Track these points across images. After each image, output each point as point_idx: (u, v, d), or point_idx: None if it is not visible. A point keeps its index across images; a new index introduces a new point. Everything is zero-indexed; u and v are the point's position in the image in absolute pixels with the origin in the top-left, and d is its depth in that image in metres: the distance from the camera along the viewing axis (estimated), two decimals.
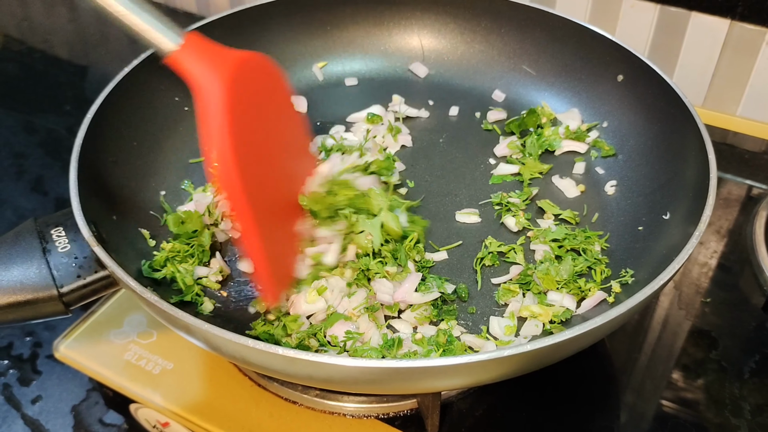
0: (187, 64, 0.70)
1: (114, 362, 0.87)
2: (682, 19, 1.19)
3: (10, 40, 1.60)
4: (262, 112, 0.78)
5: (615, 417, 0.82)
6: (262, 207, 0.74)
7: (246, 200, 0.70)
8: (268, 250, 0.74)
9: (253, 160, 0.73)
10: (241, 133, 0.71)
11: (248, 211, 0.71)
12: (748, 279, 0.97)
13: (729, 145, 1.19)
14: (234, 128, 0.69)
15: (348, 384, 0.69)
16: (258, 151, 0.75)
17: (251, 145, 0.73)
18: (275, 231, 0.78)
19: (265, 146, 0.77)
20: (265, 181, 0.76)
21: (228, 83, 0.70)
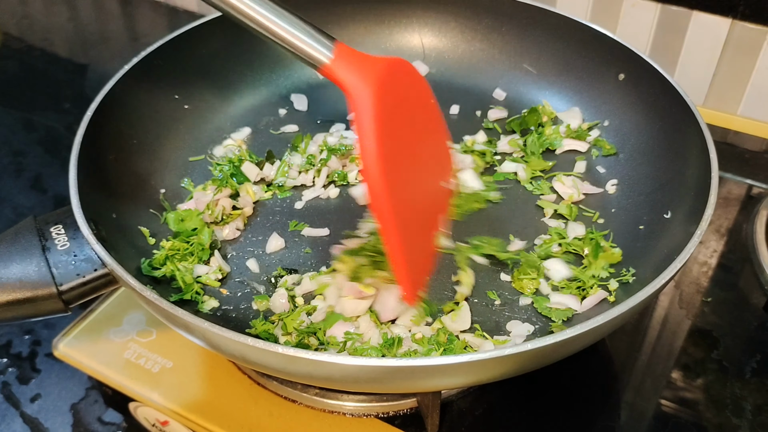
0: (341, 73, 0.73)
1: (113, 361, 0.87)
2: (683, 18, 1.19)
3: (10, 38, 1.60)
4: (409, 115, 0.80)
5: (616, 416, 0.82)
6: (405, 209, 0.76)
7: (390, 204, 0.72)
8: (408, 253, 0.76)
9: (400, 162, 0.75)
10: (391, 136, 0.74)
11: (391, 215, 0.72)
12: (748, 278, 0.96)
13: (730, 144, 1.19)
14: (384, 132, 0.72)
15: (348, 383, 0.69)
16: (405, 154, 0.77)
17: (400, 148, 0.76)
18: (415, 232, 0.80)
19: (411, 148, 0.79)
20: (409, 184, 0.78)
21: (378, 90, 0.72)
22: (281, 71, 1.13)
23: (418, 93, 0.83)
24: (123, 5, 1.69)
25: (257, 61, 1.12)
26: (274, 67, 1.13)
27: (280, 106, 1.11)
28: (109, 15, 1.67)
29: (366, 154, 0.70)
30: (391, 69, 0.76)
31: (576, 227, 0.90)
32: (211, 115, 1.07)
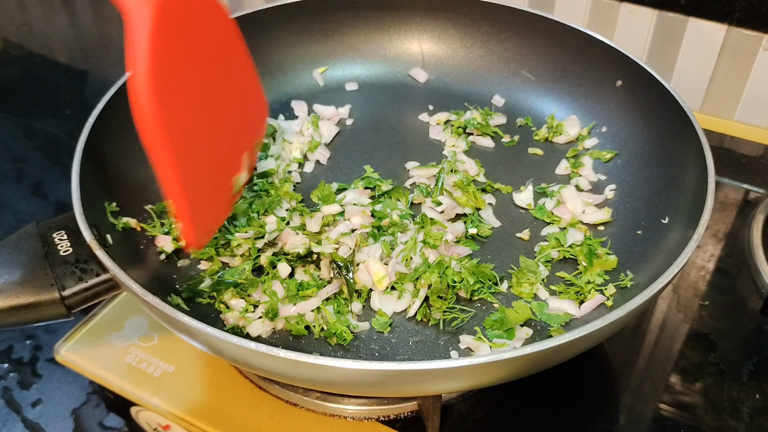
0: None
1: (115, 365, 0.87)
2: (679, 24, 1.20)
3: (10, 45, 1.61)
4: (201, 48, 0.75)
5: (614, 419, 0.83)
6: (189, 146, 0.72)
7: (164, 135, 0.67)
8: (191, 193, 0.72)
9: (183, 96, 0.70)
10: (170, 66, 0.68)
11: (166, 147, 0.68)
12: (745, 282, 0.97)
13: (726, 149, 1.20)
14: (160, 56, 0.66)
15: (349, 387, 0.69)
16: (191, 88, 0.72)
17: (182, 81, 0.70)
18: (203, 172, 0.76)
19: (201, 85, 0.75)
20: (196, 120, 0.73)
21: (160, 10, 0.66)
22: (281, 78, 1.14)
23: (217, 27, 0.78)
24: None
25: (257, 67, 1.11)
26: (274, 74, 1.14)
27: (280, 113, 1.12)
28: (108, 21, 1.68)
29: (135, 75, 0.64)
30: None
31: (575, 233, 0.90)
32: None
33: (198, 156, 0.74)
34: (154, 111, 0.66)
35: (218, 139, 0.79)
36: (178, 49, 0.70)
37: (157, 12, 0.66)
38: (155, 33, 0.65)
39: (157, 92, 0.66)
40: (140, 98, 0.65)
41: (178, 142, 0.69)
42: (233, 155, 0.83)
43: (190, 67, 0.73)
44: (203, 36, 0.75)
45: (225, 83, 0.80)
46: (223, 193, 0.82)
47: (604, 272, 0.86)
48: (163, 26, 0.67)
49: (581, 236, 0.90)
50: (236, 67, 0.83)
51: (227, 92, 0.81)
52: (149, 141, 0.67)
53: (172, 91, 0.68)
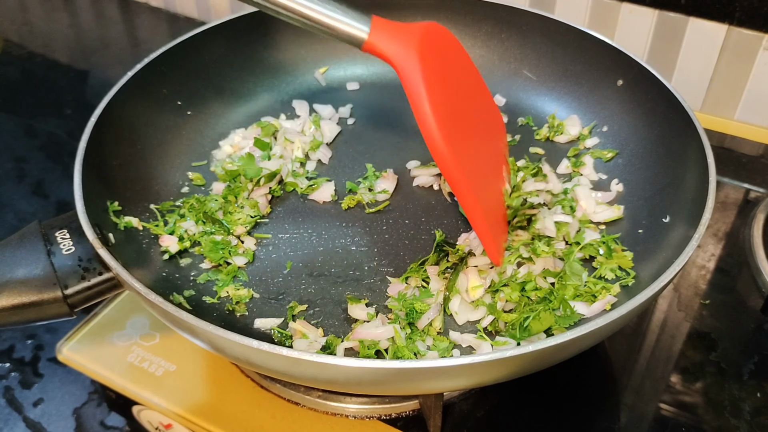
0: (382, 46, 0.74)
1: (117, 364, 0.87)
2: (680, 24, 1.20)
3: (11, 45, 1.61)
4: (454, 76, 0.81)
5: (615, 418, 0.83)
6: (471, 169, 0.77)
7: (459, 166, 0.74)
8: (485, 212, 0.78)
9: (457, 124, 0.77)
10: (443, 99, 0.75)
11: (462, 177, 0.74)
12: (746, 281, 0.97)
13: (727, 149, 1.20)
14: (436, 95, 0.73)
15: (351, 385, 0.69)
16: (459, 115, 0.79)
17: (453, 109, 0.77)
18: (486, 191, 0.82)
19: (463, 109, 0.81)
20: (470, 144, 0.79)
21: (420, 55, 0.73)
22: (283, 77, 1.14)
23: (456, 54, 0.83)
24: (123, 12, 1.70)
25: (259, 68, 1.12)
26: (276, 73, 1.14)
27: (282, 112, 1.12)
28: (109, 21, 1.68)
29: (425, 121, 0.71)
30: (429, 33, 0.77)
31: (590, 233, 0.90)
32: (214, 120, 1.07)
33: (480, 177, 0.81)
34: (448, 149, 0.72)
35: (486, 157, 0.85)
36: (442, 82, 0.76)
37: (421, 57, 0.73)
38: (426, 78, 0.73)
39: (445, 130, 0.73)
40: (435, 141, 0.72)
41: (465, 166, 0.76)
42: (498, 170, 0.89)
43: (453, 97, 0.79)
44: (453, 66, 0.82)
45: (476, 105, 0.86)
46: (502, 207, 0.87)
47: (618, 268, 0.86)
48: (427, 66, 0.74)
49: (597, 235, 0.89)
50: (478, 89, 0.88)
51: (479, 113, 0.87)
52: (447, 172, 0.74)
53: (450, 124, 0.75)
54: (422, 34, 0.76)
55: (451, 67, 0.81)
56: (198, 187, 0.99)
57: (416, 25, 0.77)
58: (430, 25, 0.78)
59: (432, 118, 0.71)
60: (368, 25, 0.74)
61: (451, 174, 0.74)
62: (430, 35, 0.77)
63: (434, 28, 0.79)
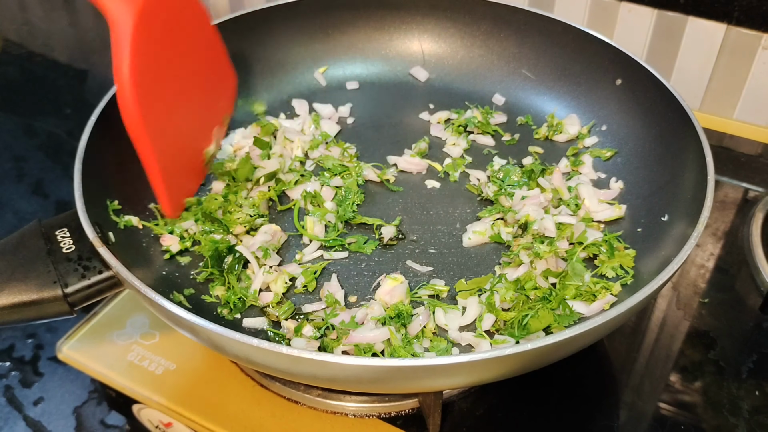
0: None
1: (117, 363, 0.87)
2: (679, 23, 1.21)
3: (10, 44, 1.61)
4: (175, 35, 0.83)
5: (614, 416, 0.83)
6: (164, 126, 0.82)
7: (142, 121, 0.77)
8: (166, 167, 0.82)
9: (160, 84, 0.80)
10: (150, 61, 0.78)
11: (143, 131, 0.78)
12: (745, 280, 0.97)
13: (725, 148, 1.20)
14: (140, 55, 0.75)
15: (351, 383, 0.70)
16: (168, 76, 0.82)
17: (161, 67, 0.80)
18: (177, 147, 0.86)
19: (177, 71, 0.84)
20: (171, 103, 0.83)
21: (139, 14, 0.75)
22: (282, 76, 1.14)
23: (189, 13, 0.86)
24: None
25: (258, 67, 1.12)
26: (275, 73, 1.14)
27: (281, 111, 1.12)
28: None
29: (120, 76, 0.74)
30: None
31: (592, 232, 0.90)
32: None
33: (172, 133, 0.84)
34: (135, 106, 0.76)
35: (191, 116, 0.89)
36: (156, 43, 0.79)
37: (138, 17, 0.75)
38: (136, 37, 0.75)
39: (138, 87, 0.76)
40: (125, 96, 0.75)
41: (154, 124, 0.79)
42: (205, 130, 0.94)
43: (168, 58, 0.82)
44: (178, 27, 0.84)
45: (198, 66, 0.90)
46: (195, 164, 0.93)
47: (620, 266, 0.86)
48: (143, 27, 0.76)
49: (600, 234, 0.89)
50: (208, 50, 0.92)
51: (200, 74, 0.90)
52: (130, 127, 0.78)
53: (151, 82, 0.78)
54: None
55: (176, 26, 0.83)
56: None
57: None
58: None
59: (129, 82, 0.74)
60: None
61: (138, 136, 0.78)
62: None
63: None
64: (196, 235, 0.90)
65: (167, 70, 0.82)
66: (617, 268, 0.85)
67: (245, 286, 0.84)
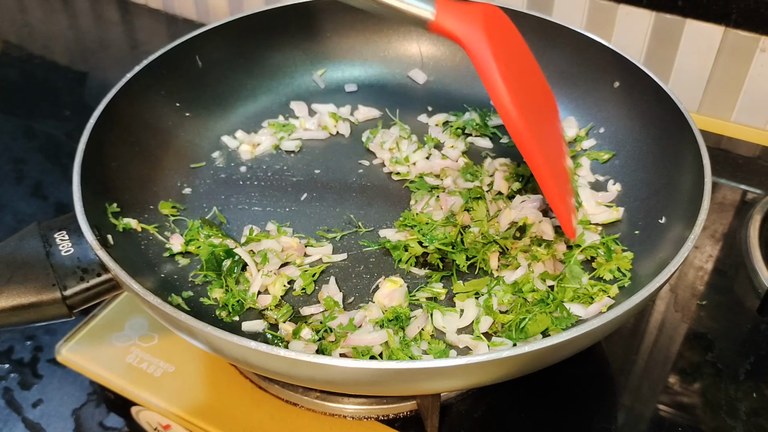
0: (450, 25, 0.75)
1: (116, 365, 0.88)
2: (677, 26, 1.21)
3: (10, 46, 1.61)
4: (515, 56, 0.82)
5: (613, 419, 0.83)
6: (542, 144, 0.79)
7: (535, 141, 0.76)
8: (559, 187, 0.80)
9: (525, 100, 0.79)
10: (511, 76, 0.76)
11: (537, 147, 0.76)
12: (742, 282, 0.98)
13: (723, 150, 1.21)
14: (506, 72, 0.75)
15: (349, 385, 0.70)
16: (526, 92, 0.81)
17: (520, 86, 0.79)
18: (555, 165, 0.83)
19: (527, 87, 0.83)
20: (536, 120, 0.81)
21: (487, 34, 0.75)
22: (281, 79, 1.15)
23: (514, 36, 0.85)
24: (122, 13, 1.70)
25: (257, 69, 1.13)
26: (274, 75, 1.14)
27: (280, 114, 1.12)
28: (108, 23, 1.68)
29: (499, 95, 0.73)
30: (490, 14, 0.79)
31: (591, 235, 0.90)
32: (212, 122, 1.08)
33: (549, 151, 0.82)
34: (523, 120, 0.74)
35: (550, 134, 0.87)
36: (507, 61, 0.78)
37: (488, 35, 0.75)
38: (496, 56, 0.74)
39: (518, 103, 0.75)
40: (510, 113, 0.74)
41: (538, 140, 0.77)
42: (560, 147, 0.91)
43: (518, 76, 0.80)
44: (513, 47, 0.83)
45: (535, 85, 0.88)
46: (568, 180, 0.89)
47: (617, 269, 0.86)
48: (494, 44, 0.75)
49: (597, 237, 0.90)
50: (535, 71, 0.90)
51: (539, 93, 0.88)
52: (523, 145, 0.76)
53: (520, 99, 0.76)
54: (485, 15, 0.77)
55: (512, 48, 0.82)
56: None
57: (477, 5, 0.78)
58: (490, 7, 0.80)
59: (505, 90, 0.73)
60: (433, 5, 0.75)
61: (527, 145, 0.76)
62: (492, 16, 0.79)
63: (494, 10, 0.81)
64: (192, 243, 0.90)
65: (521, 84, 0.80)
66: (615, 271, 0.86)
67: (244, 289, 0.84)
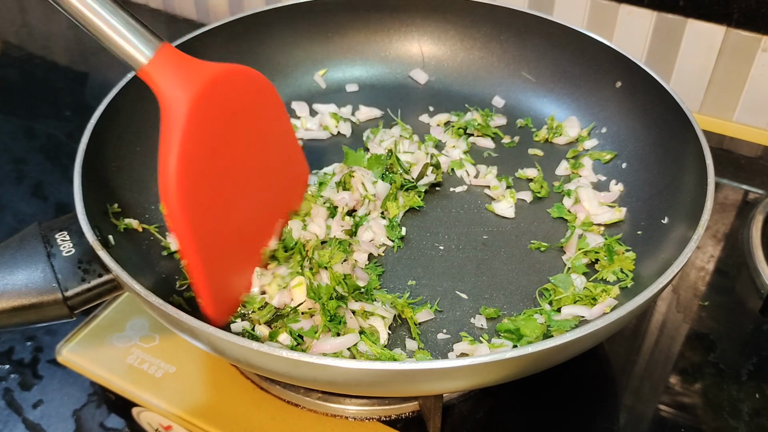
0: (157, 76, 0.67)
1: (116, 366, 0.87)
2: (678, 25, 1.21)
3: (10, 47, 1.61)
4: (240, 126, 0.75)
5: (614, 419, 0.83)
6: (217, 225, 0.73)
7: (187, 221, 0.69)
8: (214, 267, 0.73)
9: (218, 173, 0.72)
10: (205, 150, 0.69)
11: (188, 231, 0.69)
12: (744, 282, 0.97)
13: (725, 150, 1.20)
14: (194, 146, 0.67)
15: (351, 386, 0.70)
16: (226, 168, 0.73)
17: (216, 161, 0.71)
18: (231, 247, 0.77)
19: (237, 162, 0.75)
20: (229, 197, 0.74)
21: (195, 101, 0.67)
22: (282, 79, 1.14)
23: (258, 102, 0.78)
24: None
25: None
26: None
27: None
28: None
29: (165, 171, 0.65)
30: (221, 77, 0.70)
31: (594, 237, 0.90)
32: None
33: (226, 229, 0.74)
34: (178, 202, 0.67)
35: (252, 211, 0.79)
36: (215, 131, 0.70)
37: (194, 105, 0.66)
38: (188, 127, 0.66)
39: (186, 179, 0.67)
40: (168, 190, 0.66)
41: (203, 220, 0.70)
42: (266, 226, 0.83)
43: (228, 147, 0.73)
44: (244, 113, 0.75)
45: (265, 156, 0.79)
46: (250, 263, 0.81)
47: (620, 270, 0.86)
48: (200, 114, 0.67)
49: (600, 239, 0.90)
50: (278, 139, 0.82)
51: (266, 164, 0.80)
52: (171, 225, 0.69)
53: (204, 173, 0.69)
54: (214, 77, 0.69)
55: (241, 112, 0.75)
56: None
57: (214, 65, 0.71)
58: (230, 69, 0.72)
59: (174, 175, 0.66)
60: (153, 50, 0.67)
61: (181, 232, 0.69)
62: (225, 80, 0.71)
63: (236, 73, 0.73)
64: None
65: (226, 160, 0.73)
66: (618, 272, 0.85)
67: None
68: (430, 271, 0.88)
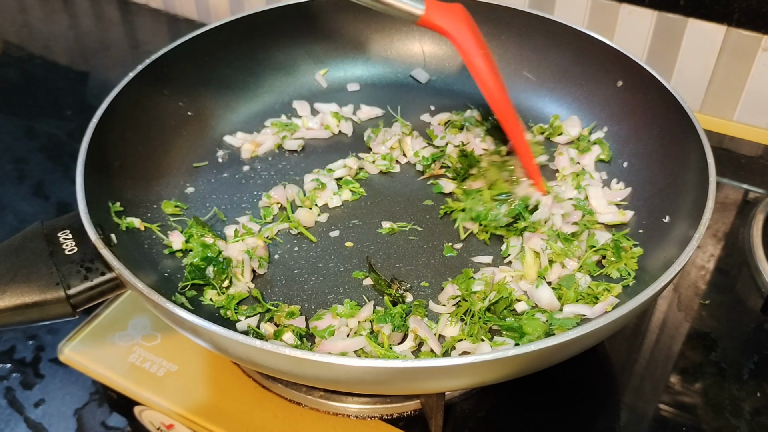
0: (438, 21, 0.88)
1: (118, 365, 0.87)
2: (679, 25, 1.21)
3: (11, 46, 1.61)
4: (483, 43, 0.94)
5: (616, 418, 0.83)
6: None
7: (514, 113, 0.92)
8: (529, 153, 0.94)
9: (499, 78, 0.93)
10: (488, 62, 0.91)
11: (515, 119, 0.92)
12: (745, 281, 0.98)
13: (726, 149, 1.21)
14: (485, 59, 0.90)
15: (353, 384, 0.70)
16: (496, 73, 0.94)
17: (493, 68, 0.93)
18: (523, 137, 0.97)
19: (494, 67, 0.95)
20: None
21: (469, 27, 0.89)
22: (283, 78, 1.14)
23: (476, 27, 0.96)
24: (123, 13, 1.70)
25: (259, 69, 1.13)
26: (277, 74, 1.14)
27: (282, 113, 1.12)
28: (109, 23, 1.68)
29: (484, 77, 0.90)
30: (464, 11, 0.92)
31: (602, 234, 0.89)
32: (215, 121, 1.08)
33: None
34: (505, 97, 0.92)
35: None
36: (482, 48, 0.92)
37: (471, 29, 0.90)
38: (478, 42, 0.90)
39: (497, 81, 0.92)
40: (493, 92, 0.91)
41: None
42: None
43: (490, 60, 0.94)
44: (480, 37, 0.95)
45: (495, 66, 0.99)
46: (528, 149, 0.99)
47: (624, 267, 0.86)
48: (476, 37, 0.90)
49: (609, 235, 0.89)
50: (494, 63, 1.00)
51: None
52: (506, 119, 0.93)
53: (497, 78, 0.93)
54: (463, 11, 0.91)
55: (480, 38, 0.94)
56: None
57: (454, 5, 0.90)
58: (460, 5, 0.91)
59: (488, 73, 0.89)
60: (423, 2, 0.87)
61: (509, 117, 0.91)
62: (465, 13, 0.92)
63: (463, 8, 0.92)
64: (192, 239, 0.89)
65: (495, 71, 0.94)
66: (623, 270, 0.86)
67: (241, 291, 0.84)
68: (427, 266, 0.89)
